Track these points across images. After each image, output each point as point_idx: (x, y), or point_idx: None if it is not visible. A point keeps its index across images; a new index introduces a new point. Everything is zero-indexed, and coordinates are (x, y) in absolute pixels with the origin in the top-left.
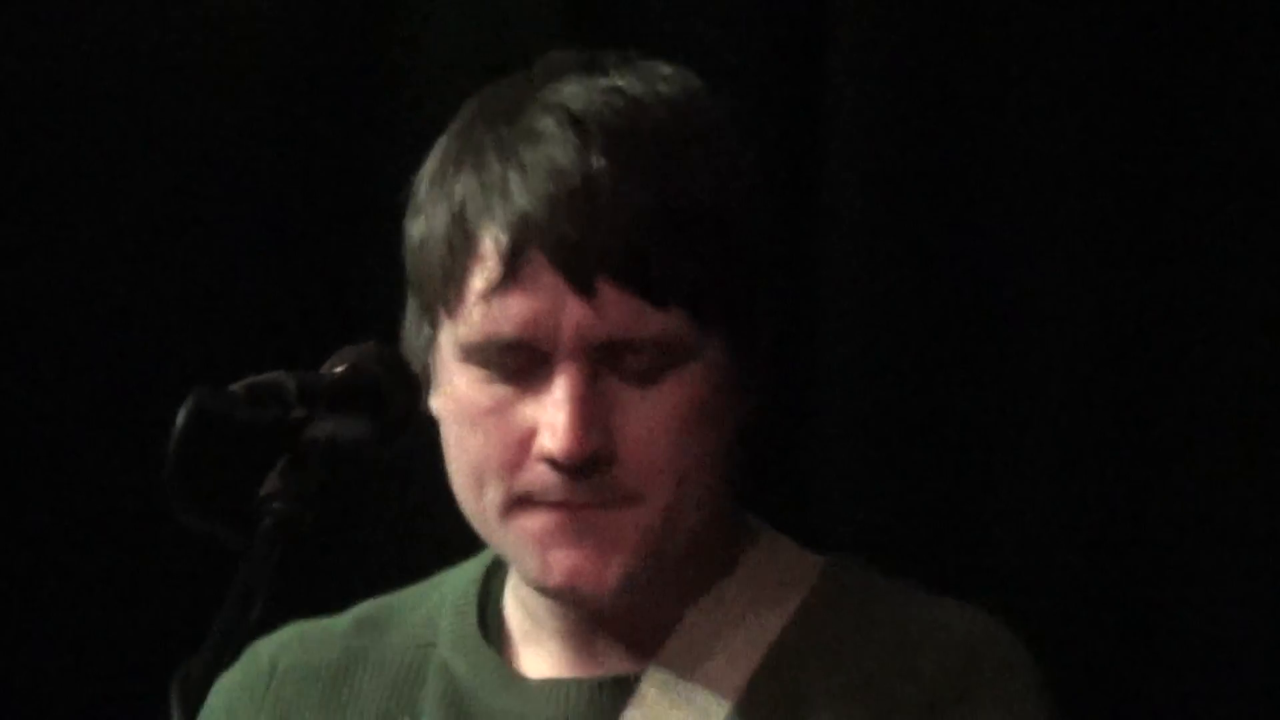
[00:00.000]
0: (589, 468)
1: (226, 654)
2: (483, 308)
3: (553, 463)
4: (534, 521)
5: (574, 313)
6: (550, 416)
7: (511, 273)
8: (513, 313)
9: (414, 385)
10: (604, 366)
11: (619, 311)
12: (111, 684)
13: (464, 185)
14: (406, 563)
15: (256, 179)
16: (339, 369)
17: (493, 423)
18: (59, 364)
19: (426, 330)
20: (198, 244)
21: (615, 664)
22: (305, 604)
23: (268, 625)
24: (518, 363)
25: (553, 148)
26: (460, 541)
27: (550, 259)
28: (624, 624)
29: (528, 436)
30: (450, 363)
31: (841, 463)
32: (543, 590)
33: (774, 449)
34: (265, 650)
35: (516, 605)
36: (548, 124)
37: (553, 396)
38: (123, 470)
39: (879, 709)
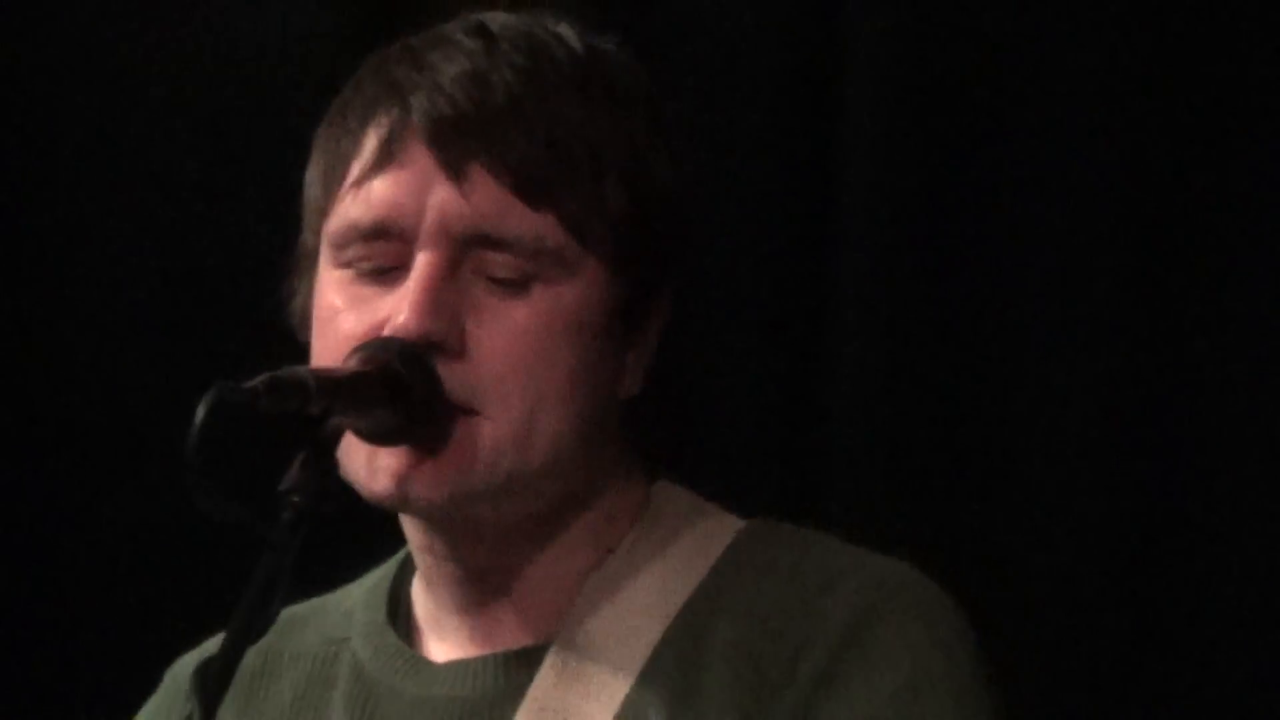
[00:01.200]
0: (431, 350)
1: (248, 645)
2: (352, 195)
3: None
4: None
5: (441, 193)
6: (399, 301)
7: (385, 156)
8: (379, 193)
9: (434, 379)
10: (468, 266)
11: (487, 200)
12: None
13: (362, 99)
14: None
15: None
16: (358, 363)
17: (347, 317)
18: (80, 361)
19: (306, 260)
20: (216, 239)
21: (520, 636)
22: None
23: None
24: (381, 255)
25: (457, 51)
26: None
27: (424, 138)
28: (524, 594)
29: (379, 326)
30: (321, 277)
31: (855, 470)
32: (374, 499)
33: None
34: (184, 665)
35: (421, 589)
36: (460, 36)
37: (406, 283)
38: (143, 464)
39: (781, 653)
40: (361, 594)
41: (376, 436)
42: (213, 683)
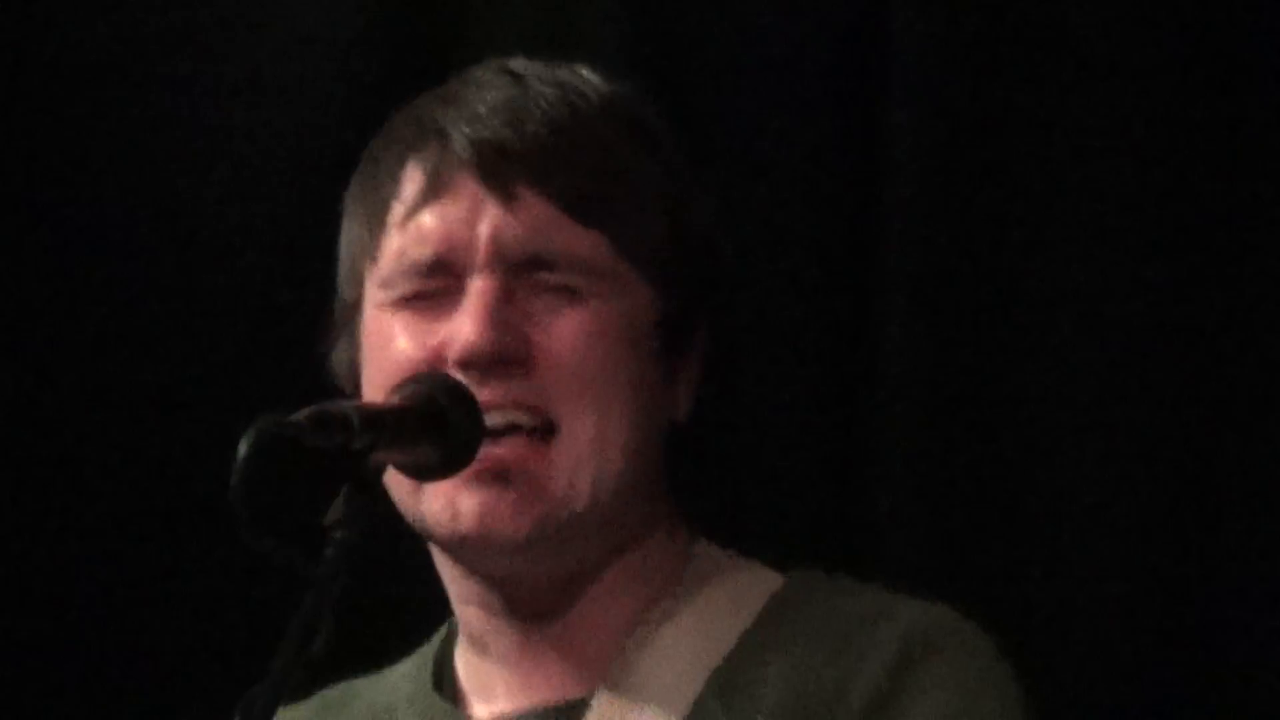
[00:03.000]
0: (498, 366)
1: (290, 681)
2: (400, 232)
3: (463, 366)
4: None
5: (491, 219)
6: (458, 322)
7: (431, 190)
8: (430, 228)
9: (477, 413)
10: (523, 286)
11: (538, 220)
12: (174, 712)
13: (397, 142)
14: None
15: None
16: (402, 398)
17: (404, 342)
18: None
19: (352, 294)
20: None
21: (566, 689)
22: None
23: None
24: (435, 289)
25: (491, 87)
26: None
27: (469, 168)
28: (571, 644)
29: (439, 351)
30: (369, 319)
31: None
32: (455, 542)
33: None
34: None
35: (466, 652)
36: (489, 75)
37: (464, 303)
38: (184, 495)
39: (826, 691)
40: (407, 668)
41: (421, 472)
42: (256, 714)
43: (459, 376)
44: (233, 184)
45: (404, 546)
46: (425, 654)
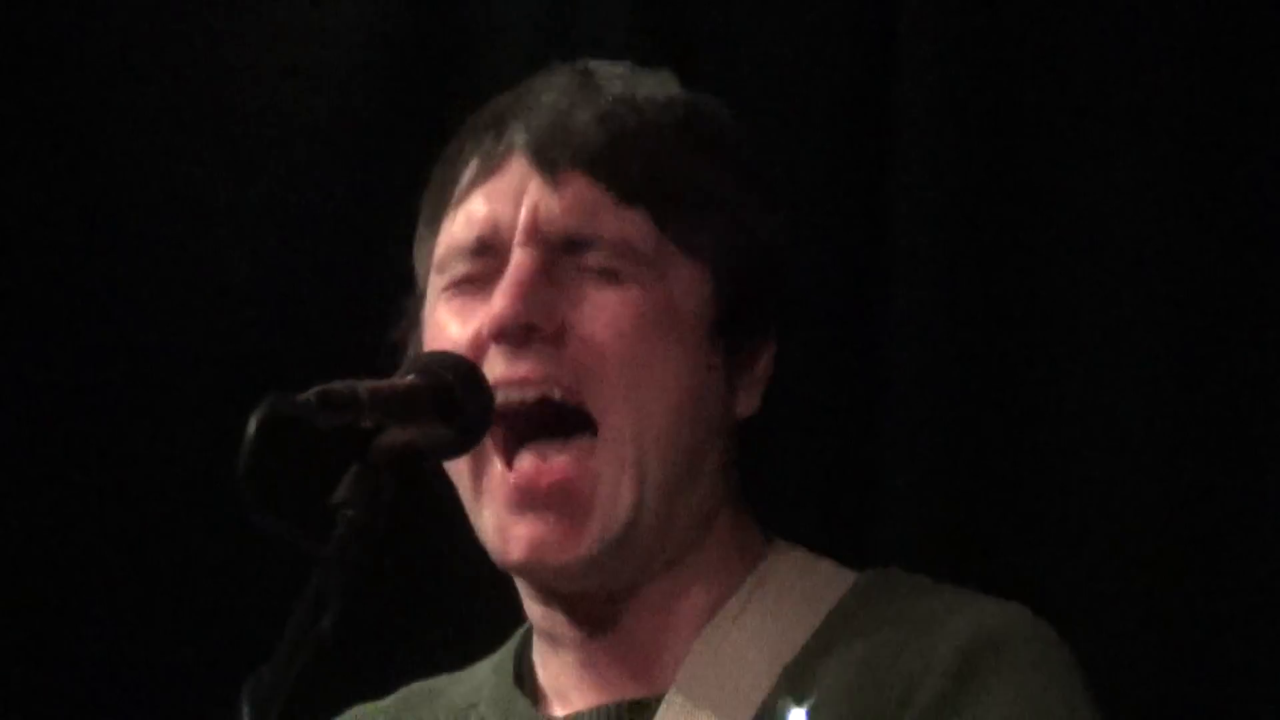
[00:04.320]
0: (530, 339)
1: (298, 660)
2: (452, 216)
3: (496, 339)
4: (495, 506)
5: (534, 193)
6: (494, 297)
7: (486, 169)
8: (479, 208)
9: (487, 392)
10: (561, 265)
11: (579, 198)
12: (182, 689)
13: (462, 145)
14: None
15: (323, 189)
16: (411, 376)
17: (454, 326)
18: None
19: (419, 285)
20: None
21: (637, 688)
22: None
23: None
24: (482, 269)
25: (558, 84)
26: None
27: (522, 145)
28: (641, 647)
29: (482, 329)
30: (430, 308)
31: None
32: (509, 569)
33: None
34: (367, 710)
35: (543, 653)
36: (559, 71)
37: (500, 282)
38: (197, 476)
39: (894, 686)
40: (489, 666)
41: (431, 451)
42: (263, 699)
43: (495, 353)
44: (244, 172)
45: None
46: (505, 655)
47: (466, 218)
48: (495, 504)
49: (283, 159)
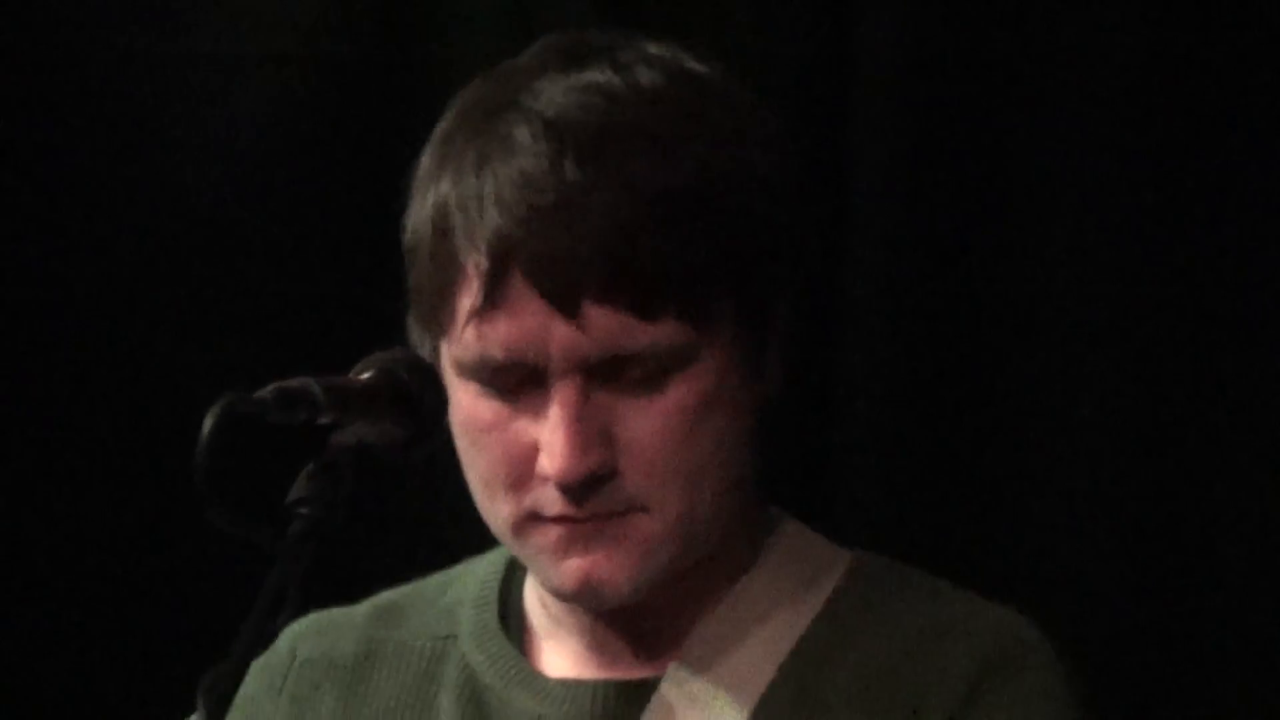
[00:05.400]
0: (591, 485)
1: (254, 658)
2: (472, 328)
3: (560, 488)
4: (544, 537)
5: (560, 333)
6: (548, 437)
7: (493, 295)
8: (500, 335)
9: (442, 389)
10: (599, 380)
11: (606, 328)
12: (138, 686)
13: (444, 194)
14: (426, 557)
15: (285, 181)
16: (367, 374)
17: (495, 440)
18: (90, 369)
19: (429, 343)
20: (225, 247)
21: (636, 665)
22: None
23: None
24: (513, 380)
25: (526, 159)
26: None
27: (530, 280)
28: (645, 623)
29: (530, 454)
30: (451, 378)
31: (864, 467)
32: (559, 596)
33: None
34: (285, 639)
35: (536, 601)
36: (522, 134)
37: (549, 417)
38: (152, 473)
39: (900, 707)
40: (468, 591)
41: (387, 448)
42: (219, 691)
43: (548, 488)
44: (206, 167)
45: None
46: (488, 581)
47: (489, 338)
48: (546, 539)
49: (244, 149)
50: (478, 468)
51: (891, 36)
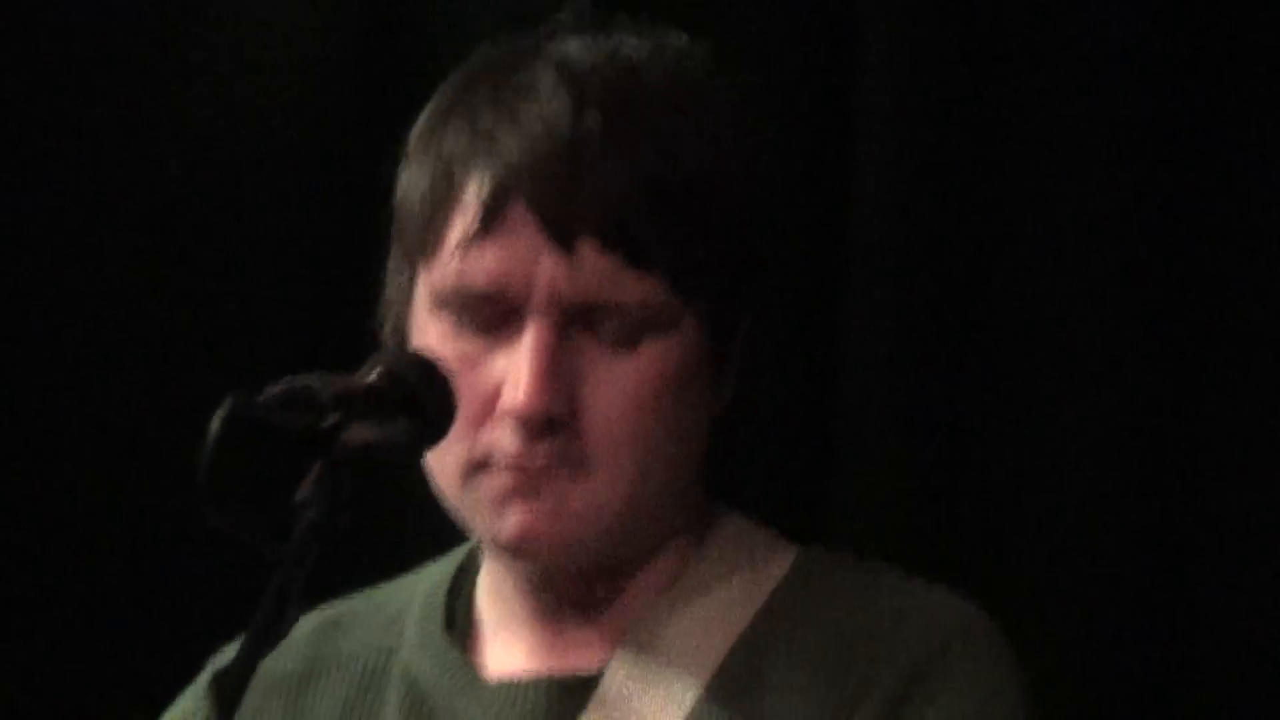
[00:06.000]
0: (548, 429)
1: (262, 658)
2: (459, 257)
3: (514, 421)
4: (492, 482)
5: (549, 268)
6: (515, 370)
7: (490, 222)
8: (487, 263)
9: (449, 389)
10: (576, 327)
11: (596, 272)
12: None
13: (454, 136)
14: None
15: (283, 180)
16: (372, 375)
17: (459, 378)
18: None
19: (404, 281)
20: (226, 247)
21: (583, 656)
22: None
23: None
24: (489, 315)
25: (547, 102)
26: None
27: (532, 211)
28: (592, 613)
29: (493, 394)
30: (423, 313)
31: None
32: (496, 546)
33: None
34: (224, 663)
35: (488, 593)
36: (545, 79)
37: (520, 350)
38: (155, 476)
39: (846, 683)
40: (414, 600)
41: (392, 450)
42: (229, 693)
43: (509, 428)
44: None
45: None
46: (435, 590)
47: (474, 267)
48: (488, 493)
49: (246, 147)
50: None
51: (894, 42)
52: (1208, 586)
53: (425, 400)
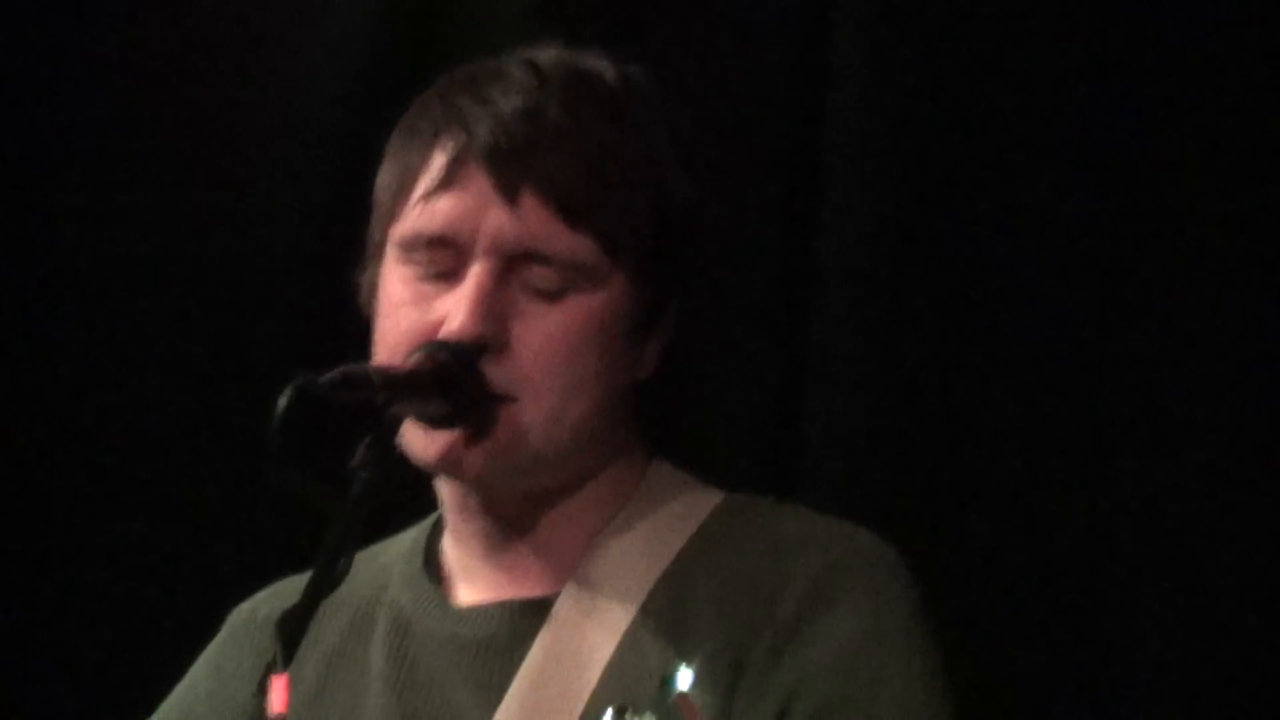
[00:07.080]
0: (480, 348)
1: (320, 600)
2: (420, 208)
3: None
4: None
5: (495, 217)
6: (454, 303)
7: (449, 178)
8: (443, 209)
9: (480, 376)
10: (514, 276)
11: (536, 222)
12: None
13: (430, 118)
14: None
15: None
16: (414, 359)
17: (406, 313)
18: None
19: (376, 248)
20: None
21: (535, 587)
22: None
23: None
24: (441, 260)
25: (513, 86)
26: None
27: (485, 168)
28: (541, 547)
29: (434, 327)
30: (389, 265)
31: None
32: (428, 469)
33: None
34: (248, 605)
35: (451, 543)
36: (515, 71)
37: (461, 286)
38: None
39: (754, 609)
40: (399, 550)
41: (431, 422)
42: (292, 628)
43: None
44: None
45: None
46: (417, 540)
47: (431, 214)
48: (418, 426)
49: (271, 154)
50: (386, 339)
51: (867, 44)
52: (1206, 584)
53: (460, 380)
